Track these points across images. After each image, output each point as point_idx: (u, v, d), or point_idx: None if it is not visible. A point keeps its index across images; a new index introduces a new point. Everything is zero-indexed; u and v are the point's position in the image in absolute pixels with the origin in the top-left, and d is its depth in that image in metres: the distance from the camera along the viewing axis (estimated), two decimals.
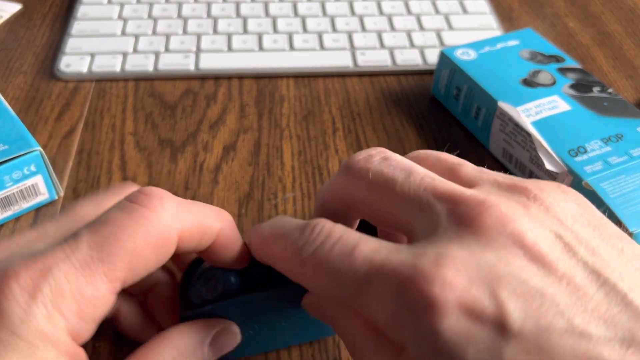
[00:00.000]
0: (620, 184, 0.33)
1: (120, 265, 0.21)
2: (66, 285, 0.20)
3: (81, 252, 0.20)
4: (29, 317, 0.19)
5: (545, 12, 0.56)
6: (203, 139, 0.42)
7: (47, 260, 0.20)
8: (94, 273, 0.20)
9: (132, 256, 0.21)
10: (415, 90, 0.47)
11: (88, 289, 0.20)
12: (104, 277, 0.20)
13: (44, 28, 0.52)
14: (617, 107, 0.38)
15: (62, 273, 0.20)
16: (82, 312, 0.20)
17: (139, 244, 0.21)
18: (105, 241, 0.20)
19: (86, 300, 0.20)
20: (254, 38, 0.50)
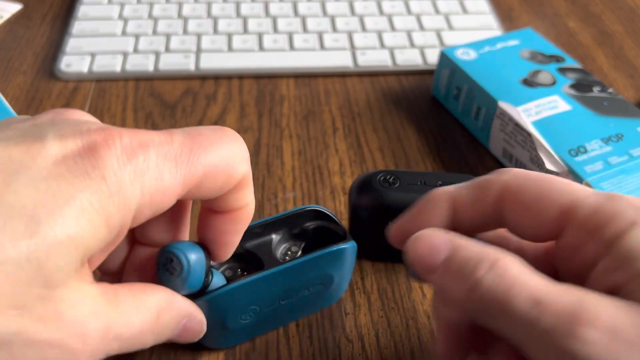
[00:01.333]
0: (620, 184, 0.33)
1: (197, 171, 0.22)
2: (154, 165, 0.21)
3: (175, 145, 0.21)
4: (117, 174, 0.20)
5: (546, 11, 0.56)
6: None
7: (146, 136, 0.21)
8: (177, 166, 0.21)
9: (208, 169, 0.22)
10: (416, 90, 0.47)
11: (167, 178, 0.21)
12: (182, 176, 0.21)
13: (44, 28, 0.52)
14: (617, 107, 0.38)
15: (156, 153, 0.21)
16: (153, 196, 0.21)
17: (218, 162, 0.22)
18: (195, 147, 0.22)
19: (162, 187, 0.21)
20: (254, 38, 0.50)
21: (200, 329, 0.25)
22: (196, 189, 0.22)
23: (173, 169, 0.21)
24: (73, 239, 0.19)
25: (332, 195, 0.38)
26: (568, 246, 0.23)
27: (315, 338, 0.30)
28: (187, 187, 0.22)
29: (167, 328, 0.23)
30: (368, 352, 0.30)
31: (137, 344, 0.22)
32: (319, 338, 0.30)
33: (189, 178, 0.21)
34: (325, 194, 0.38)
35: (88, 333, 0.19)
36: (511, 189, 0.23)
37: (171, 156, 0.21)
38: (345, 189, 0.38)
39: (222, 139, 0.23)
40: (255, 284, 0.27)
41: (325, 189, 0.38)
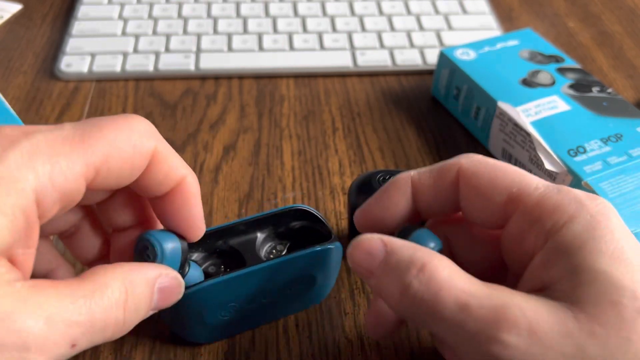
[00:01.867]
0: (619, 184, 0.33)
1: (97, 150, 0.21)
2: (45, 148, 0.20)
3: (65, 129, 0.21)
4: (2, 160, 0.19)
5: (545, 12, 0.56)
6: (203, 139, 0.42)
7: (33, 127, 0.20)
8: (73, 148, 0.20)
9: (110, 147, 0.21)
10: (415, 90, 0.47)
11: (65, 159, 0.20)
12: (81, 157, 0.20)
13: (45, 28, 0.52)
14: (616, 107, 0.38)
15: (44, 138, 0.20)
16: (54, 177, 0.20)
17: (118, 138, 0.21)
18: (87, 128, 0.21)
19: (60, 167, 0.20)
20: (254, 38, 0.50)
21: (178, 285, 0.24)
22: (107, 172, 0.21)
23: (68, 150, 0.20)
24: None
25: (332, 195, 0.38)
26: (512, 236, 0.23)
27: (315, 338, 0.30)
28: (91, 169, 0.21)
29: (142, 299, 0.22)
30: (368, 352, 0.30)
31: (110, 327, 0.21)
32: (319, 338, 0.30)
33: (91, 159, 0.21)
34: (324, 194, 0.38)
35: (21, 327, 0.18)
36: (466, 174, 0.24)
37: (63, 139, 0.20)
38: (344, 189, 0.39)
39: (118, 120, 0.22)
40: (234, 281, 0.27)
41: (325, 189, 0.38)
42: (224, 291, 0.27)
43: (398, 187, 0.25)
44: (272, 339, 0.30)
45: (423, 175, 0.25)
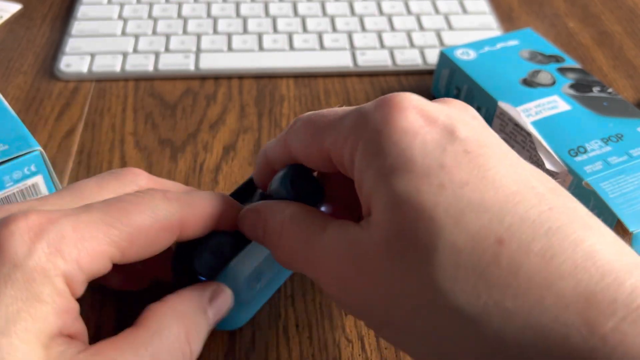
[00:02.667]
0: (620, 184, 0.33)
1: (123, 233, 0.21)
2: (72, 234, 0.20)
3: (92, 214, 0.21)
4: (31, 253, 0.19)
5: (545, 12, 0.56)
6: (203, 139, 0.42)
7: (57, 213, 0.21)
8: (98, 230, 0.21)
9: (137, 230, 0.22)
10: (415, 90, 0.47)
11: (91, 243, 0.21)
12: (107, 238, 0.21)
13: (44, 28, 0.52)
14: (617, 107, 0.38)
15: (70, 224, 0.21)
16: (81, 261, 0.20)
17: (145, 221, 0.22)
18: (114, 210, 0.22)
19: (87, 253, 0.21)
20: (254, 38, 0.50)
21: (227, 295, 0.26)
22: (133, 251, 0.22)
23: (94, 234, 0.21)
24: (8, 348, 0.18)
25: None
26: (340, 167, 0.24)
27: (315, 338, 0.30)
28: (117, 251, 0.21)
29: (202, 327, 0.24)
30: (368, 352, 0.30)
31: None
32: (319, 338, 0.30)
33: (116, 242, 0.21)
34: None
35: None
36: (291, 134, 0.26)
37: (89, 223, 0.21)
38: None
39: (142, 201, 0.23)
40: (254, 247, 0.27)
41: None
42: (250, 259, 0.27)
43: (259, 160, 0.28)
44: (272, 339, 0.30)
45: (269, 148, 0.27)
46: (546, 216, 0.18)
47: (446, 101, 0.23)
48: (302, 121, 0.25)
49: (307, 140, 0.24)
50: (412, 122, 0.20)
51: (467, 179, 0.19)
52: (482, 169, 0.19)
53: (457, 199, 0.19)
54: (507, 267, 0.18)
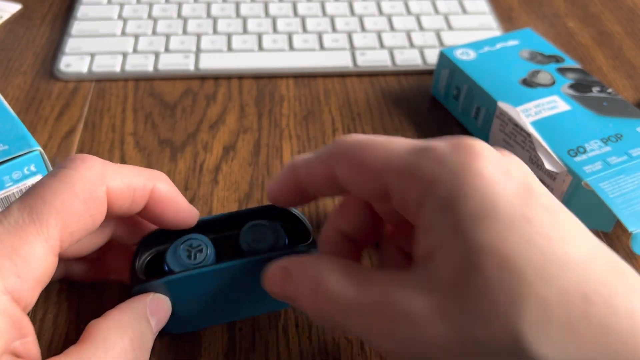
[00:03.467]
0: (619, 184, 0.33)
1: (52, 223, 0.21)
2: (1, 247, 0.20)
3: (12, 216, 0.21)
4: None
5: (545, 12, 0.56)
6: (203, 139, 0.42)
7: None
8: (27, 233, 0.21)
9: (63, 214, 0.21)
10: (415, 90, 0.47)
11: (23, 248, 0.20)
12: (38, 237, 0.21)
13: (44, 28, 0.52)
14: (616, 107, 0.38)
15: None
16: (19, 271, 0.20)
17: (66, 201, 0.22)
18: (33, 203, 0.21)
19: (22, 259, 0.20)
20: (253, 38, 0.50)
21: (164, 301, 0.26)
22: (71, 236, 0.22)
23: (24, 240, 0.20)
24: None
25: None
26: (397, 205, 0.23)
27: (315, 338, 0.30)
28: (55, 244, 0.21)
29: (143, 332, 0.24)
30: (368, 353, 0.30)
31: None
32: (318, 338, 0.30)
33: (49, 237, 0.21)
34: None
35: None
36: (339, 157, 0.24)
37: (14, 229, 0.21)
38: None
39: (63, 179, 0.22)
40: (200, 277, 0.27)
41: None
42: (193, 285, 0.27)
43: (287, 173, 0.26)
44: (272, 339, 0.30)
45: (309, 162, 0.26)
46: (623, 276, 0.19)
47: (499, 148, 0.23)
48: (351, 146, 0.24)
49: (359, 169, 0.23)
50: (492, 171, 0.21)
51: (550, 234, 0.19)
52: (562, 227, 0.20)
53: (542, 253, 0.19)
54: (598, 325, 0.18)
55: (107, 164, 0.24)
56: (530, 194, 0.20)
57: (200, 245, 0.27)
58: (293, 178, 0.26)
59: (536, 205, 0.20)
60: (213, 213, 0.37)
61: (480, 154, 0.21)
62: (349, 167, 0.24)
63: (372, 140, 0.24)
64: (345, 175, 0.24)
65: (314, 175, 0.25)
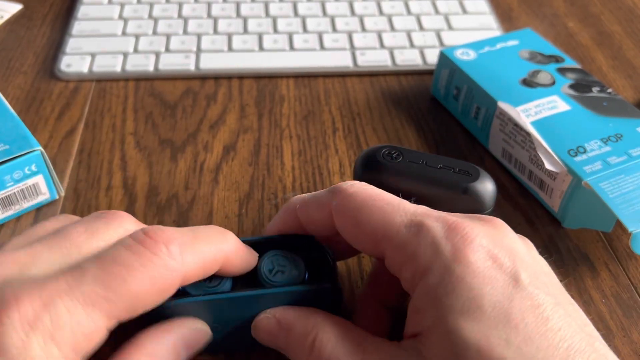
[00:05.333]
0: (619, 184, 0.33)
1: (122, 306, 0.21)
2: (67, 317, 0.20)
3: (86, 285, 0.20)
4: (26, 349, 0.19)
5: (545, 12, 0.56)
6: (203, 139, 0.42)
7: (49, 289, 0.20)
8: (95, 309, 0.20)
9: (135, 298, 0.21)
10: (415, 90, 0.47)
11: (87, 323, 0.20)
12: (104, 315, 0.21)
13: (45, 28, 0.52)
14: (616, 107, 0.38)
15: (64, 305, 0.20)
16: (77, 346, 0.20)
17: (143, 288, 0.22)
18: (111, 279, 0.21)
19: (83, 334, 0.20)
20: (254, 38, 0.50)
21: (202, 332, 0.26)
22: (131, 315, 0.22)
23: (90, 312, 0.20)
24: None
25: None
26: (391, 268, 0.24)
27: None
28: (117, 319, 0.21)
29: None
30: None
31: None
32: None
33: (113, 312, 0.21)
34: None
35: None
36: (336, 215, 0.25)
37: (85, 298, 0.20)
38: None
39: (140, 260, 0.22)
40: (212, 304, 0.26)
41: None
42: (205, 311, 0.26)
43: (286, 214, 0.28)
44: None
45: (308, 205, 0.27)
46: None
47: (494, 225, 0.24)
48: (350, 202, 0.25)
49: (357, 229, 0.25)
50: (482, 264, 0.22)
51: (531, 335, 0.20)
52: (543, 323, 0.21)
53: (522, 355, 0.20)
54: None
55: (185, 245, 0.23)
56: (517, 287, 0.21)
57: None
58: (292, 218, 0.27)
59: (520, 303, 0.21)
60: (214, 213, 0.37)
61: (472, 243, 0.22)
62: (347, 224, 0.25)
63: (371, 202, 0.25)
64: (343, 229, 0.25)
65: (312, 219, 0.27)
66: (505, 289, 0.21)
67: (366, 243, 0.25)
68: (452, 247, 0.22)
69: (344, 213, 0.25)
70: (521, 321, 0.20)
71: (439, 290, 0.21)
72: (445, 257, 0.22)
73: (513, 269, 0.22)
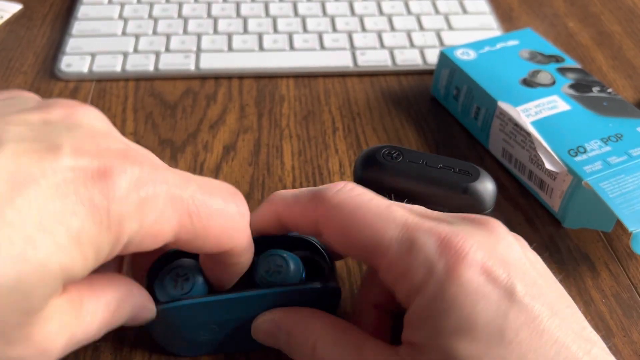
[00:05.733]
0: (619, 184, 0.33)
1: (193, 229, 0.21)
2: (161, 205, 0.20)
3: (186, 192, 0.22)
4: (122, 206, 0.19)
5: (545, 12, 0.56)
6: (203, 139, 0.42)
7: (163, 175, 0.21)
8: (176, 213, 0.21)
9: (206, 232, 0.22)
10: (415, 90, 0.47)
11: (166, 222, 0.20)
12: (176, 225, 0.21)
13: (45, 28, 0.52)
14: (616, 107, 0.38)
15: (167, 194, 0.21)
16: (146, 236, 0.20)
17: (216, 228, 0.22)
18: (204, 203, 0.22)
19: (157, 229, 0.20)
20: (254, 38, 0.50)
21: (149, 317, 0.25)
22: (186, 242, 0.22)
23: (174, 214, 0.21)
24: (64, 269, 0.18)
25: None
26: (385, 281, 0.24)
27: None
28: (177, 236, 0.21)
29: (121, 319, 0.23)
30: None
31: (90, 340, 0.21)
32: None
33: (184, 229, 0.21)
34: None
35: (52, 348, 0.19)
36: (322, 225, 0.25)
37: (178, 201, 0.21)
38: None
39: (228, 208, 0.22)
40: (211, 305, 0.26)
41: None
42: (201, 313, 0.26)
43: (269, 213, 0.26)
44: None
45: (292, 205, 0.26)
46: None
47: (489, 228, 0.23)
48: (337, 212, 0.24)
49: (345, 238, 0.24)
50: (475, 280, 0.21)
51: (525, 352, 0.20)
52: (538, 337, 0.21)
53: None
54: None
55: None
56: (511, 302, 0.21)
57: (187, 274, 0.26)
58: (273, 213, 0.26)
59: (515, 318, 0.21)
60: None
61: (465, 259, 0.22)
62: (334, 236, 0.25)
63: (359, 214, 0.24)
64: (330, 240, 0.25)
65: (296, 224, 0.26)
66: (500, 305, 0.21)
67: (356, 256, 0.25)
68: (445, 264, 0.22)
69: (330, 226, 0.24)
70: (515, 338, 0.20)
71: (433, 309, 0.21)
72: (438, 276, 0.21)
73: (508, 281, 0.21)
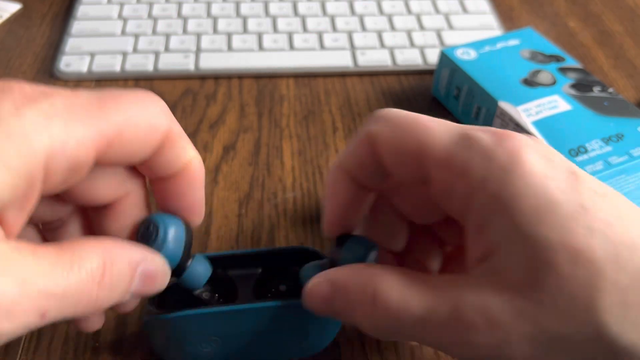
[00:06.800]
0: (620, 184, 0.33)
1: (112, 120, 0.20)
2: (63, 111, 0.19)
3: (81, 97, 0.20)
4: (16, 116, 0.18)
5: (546, 11, 0.56)
6: (203, 139, 0.42)
7: (50, 90, 0.20)
8: (88, 115, 0.20)
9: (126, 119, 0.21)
10: (416, 90, 0.47)
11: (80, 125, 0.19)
12: (95, 125, 0.20)
13: (44, 28, 0.52)
14: (617, 107, 0.38)
15: (63, 102, 0.19)
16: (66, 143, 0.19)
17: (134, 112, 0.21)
18: (105, 97, 0.21)
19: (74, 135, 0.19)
20: (254, 38, 0.50)
21: (163, 274, 0.23)
22: (119, 145, 0.21)
23: (84, 116, 0.20)
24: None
25: None
26: (439, 193, 0.23)
27: None
28: (104, 139, 0.20)
29: (120, 279, 0.21)
30: (368, 353, 0.30)
31: (83, 302, 0.19)
32: None
33: (105, 128, 0.20)
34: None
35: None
36: (378, 141, 0.23)
37: (81, 105, 0.20)
38: None
39: (136, 94, 0.22)
40: (215, 316, 0.25)
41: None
42: (204, 324, 0.26)
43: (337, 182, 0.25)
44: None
45: (349, 158, 0.25)
46: None
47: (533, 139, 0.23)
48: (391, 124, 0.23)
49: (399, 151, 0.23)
50: (540, 163, 0.20)
51: (609, 219, 0.20)
52: (615, 208, 0.20)
53: (607, 239, 0.19)
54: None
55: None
56: (577, 180, 0.20)
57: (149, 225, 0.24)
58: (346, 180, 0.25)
59: (587, 191, 0.20)
60: (213, 213, 0.37)
61: (524, 146, 0.21)
62: (389, 145, 0.23)
63: (413, 120, 0.23)
64: (385, 153, 0.23)
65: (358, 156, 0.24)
66: (569, 183, 0.20)
67: (409, 165, 0.23)
68: (507, 152, 0.20)
69: (385, 135, 0.23)
70: (595, 207, 0.19)
71: (503, 196, 0.20)
72: (502, 162, 0.20)
73: (567, 164, 0.21)
